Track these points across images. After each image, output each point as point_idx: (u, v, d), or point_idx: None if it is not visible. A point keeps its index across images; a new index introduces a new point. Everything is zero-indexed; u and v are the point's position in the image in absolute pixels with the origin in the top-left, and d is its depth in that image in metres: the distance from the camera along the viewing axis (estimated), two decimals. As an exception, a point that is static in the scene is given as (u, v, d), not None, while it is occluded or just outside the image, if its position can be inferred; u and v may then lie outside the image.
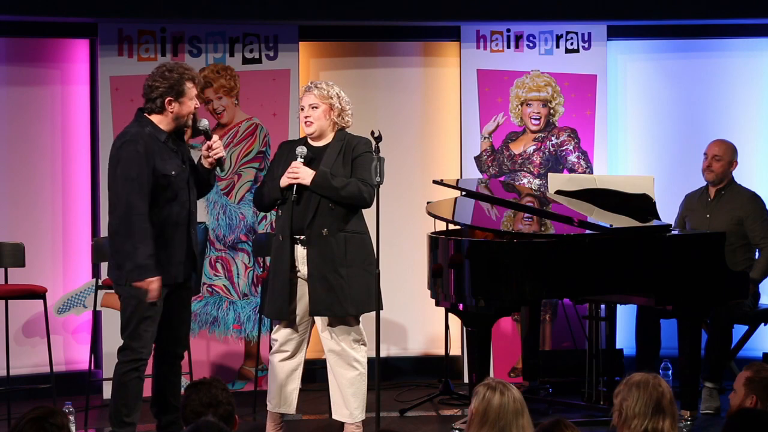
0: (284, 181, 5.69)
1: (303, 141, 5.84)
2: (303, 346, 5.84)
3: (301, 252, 5.71)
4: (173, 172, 5.41)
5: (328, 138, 5.79)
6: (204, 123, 5.58)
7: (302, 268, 5.71)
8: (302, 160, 5.69)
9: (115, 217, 5.36)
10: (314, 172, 5.64)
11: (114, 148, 5.41)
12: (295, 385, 5.86)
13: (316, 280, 5.65)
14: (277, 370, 5.83)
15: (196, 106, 5.52)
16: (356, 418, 5.78)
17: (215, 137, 5.58)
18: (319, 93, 5.74)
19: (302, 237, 5.68)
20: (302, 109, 5.80)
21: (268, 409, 5.87)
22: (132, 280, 5.31)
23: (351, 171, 5.70)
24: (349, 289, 5.65)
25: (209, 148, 5.55)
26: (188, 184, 5.52)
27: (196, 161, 5.64)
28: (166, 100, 5.42)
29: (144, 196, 5.31)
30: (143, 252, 5.28)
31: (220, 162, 5.58)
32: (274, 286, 5.74)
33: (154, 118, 5.45)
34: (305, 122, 5.78)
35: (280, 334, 5.81)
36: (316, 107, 5.74)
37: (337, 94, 5.76)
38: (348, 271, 5.66)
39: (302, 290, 5.74)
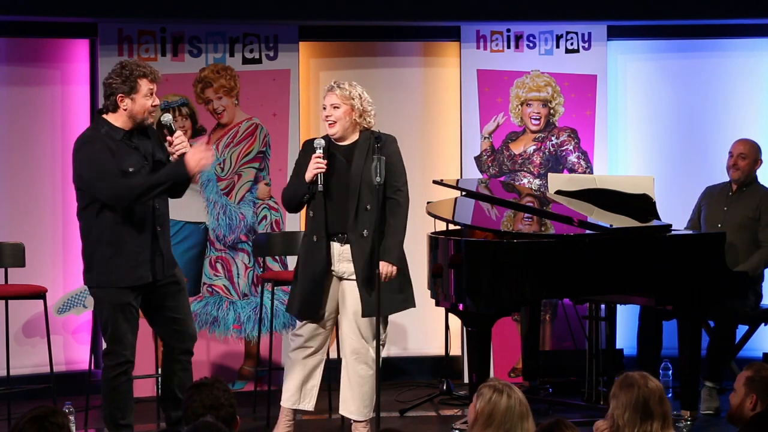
0: (308, 175, 5.68)
1: (327, 140, 5.79)
2: (327, 342, 5.85)
3: (338, 251, 5.72)
4: (131, 169, 5.34)
5: (353, 138, 5.77)
6: (166, 117, 5.47)
7: (338, 267, 5.72)
8: (321, 151, 5.68)
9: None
10: (388, 263, 5.63)
11: (73, 151, 5.39)
12: (316, 382, 5.85)
13: (362, 281, 5.66)
14: (299, 366, 5.80)
15: (154, 103, 5.42)
16: (365, 416, 5.78)
17: (178, 132, 5.45)
18: (340, 93, 5.72)
19: (342, 237, 5.69)
20: (324, 109, 5.77)
21: (285, 405, 5.83)
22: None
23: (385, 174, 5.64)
24: (391, 289, 5.69)
25: (171, 144, 5.44)
26: None
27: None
28: (118, 97, 5.35)
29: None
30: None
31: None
32: (303, 285, 5.74)
33: (110, 117, 5.39)
34: (327, 122, 5.76)
35: (306, 329, 5.79)
36: (338, 107, 5.73)
37: (359, 94, 5.74)
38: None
39: (335, 289, 5.76)
